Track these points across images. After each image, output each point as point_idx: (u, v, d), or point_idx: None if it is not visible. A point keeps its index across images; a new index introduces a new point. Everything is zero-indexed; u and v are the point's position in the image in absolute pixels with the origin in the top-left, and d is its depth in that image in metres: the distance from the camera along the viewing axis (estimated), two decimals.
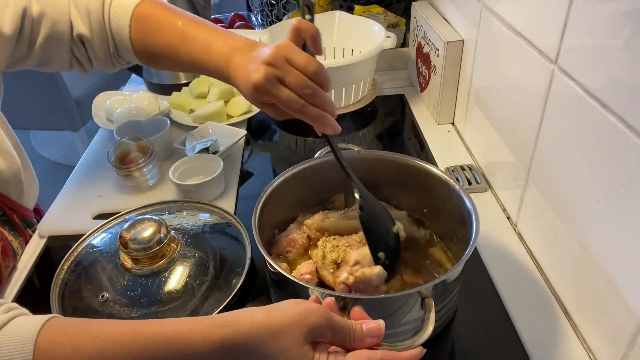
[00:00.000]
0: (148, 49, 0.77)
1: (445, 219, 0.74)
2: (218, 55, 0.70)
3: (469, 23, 0.94)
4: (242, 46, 0.69)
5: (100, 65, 0.82)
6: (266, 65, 0.62)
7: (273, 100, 0.64)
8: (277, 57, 0.61)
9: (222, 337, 0.45)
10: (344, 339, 0.48)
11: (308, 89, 0.61)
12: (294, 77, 0.61)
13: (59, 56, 0.78)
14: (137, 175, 0.92)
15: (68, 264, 0.77)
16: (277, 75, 0.61)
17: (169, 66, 0.81)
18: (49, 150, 2.89)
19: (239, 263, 0.75)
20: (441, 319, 0.64)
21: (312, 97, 0.62)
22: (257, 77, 0.62)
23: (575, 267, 0.65)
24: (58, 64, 0.80)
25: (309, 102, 0.62)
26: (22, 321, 0.46)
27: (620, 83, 0.52)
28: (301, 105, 0.62)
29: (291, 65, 0.61)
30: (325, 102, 0.63)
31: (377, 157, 0.77)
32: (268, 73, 0.62)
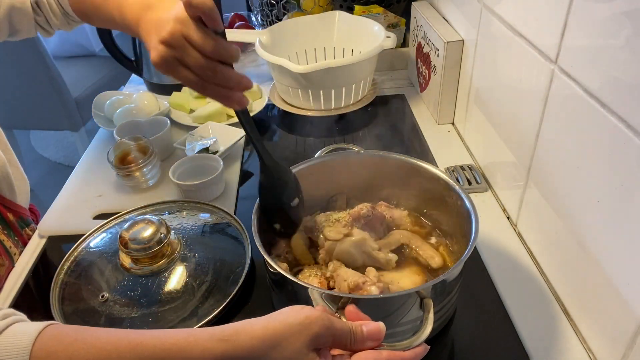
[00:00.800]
0: (80, 8, 0.83)
1: (445, 219, 0.74)
2: (129, 14, 0.70)
3: (469, 23, 0.94)
4: (150, 3, 0.67)
5: (60, 26, 0.88)
6: (163, 45, 0.59)
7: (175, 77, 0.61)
8: (174, 35, 0.58)
9: (222, 352, 0.45)
10: (345, 343, 0.48)
11: (207, 70, 0.59)
12: (192, 59, 0.58)
13: (24, 24, 0.85)
14: (137, 175, 0.92)
15: (68, 264, 0.77)
16: (175, 56, 0.59)
17: (99, 24, 0.84)
18: (49, 150, 2.89)
19: (239, 263, 0.75)
20: (440, 319, 0.64)
21: (213, 78, 0.60)
22: (154, 56, 0.60)
23: (575, 267, 0.65)
24: (25, 32, 0.86)
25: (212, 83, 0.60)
26: (18, 329, 0.45)
27: (620, 83, 0.52)
28: (201, 86, 0.60)
29: (189, 43, 0.58)
30: (228, 79, 0.60)
31: (377, 157, 0.77)
32: (165, 54, 0.59)
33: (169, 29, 0.58)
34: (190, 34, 0.58)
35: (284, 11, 1.39)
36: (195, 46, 0.58)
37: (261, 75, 1.33)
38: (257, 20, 1.53)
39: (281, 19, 1.37)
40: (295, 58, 1.21)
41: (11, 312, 0.48)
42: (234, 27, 1.53)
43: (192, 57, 0.58)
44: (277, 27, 1.19)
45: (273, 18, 1.42)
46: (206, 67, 0.59)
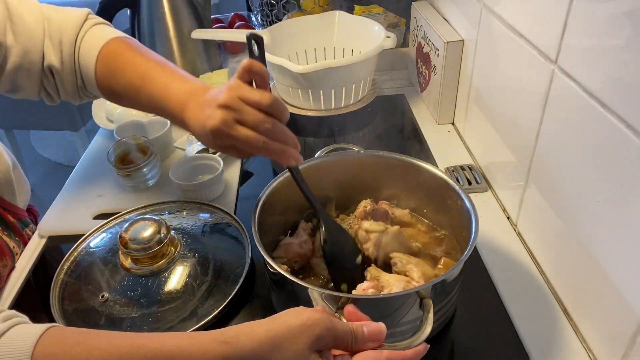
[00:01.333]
0: (111, 87, 0.77)
1: (445, 219, 0.74)
2: (174, 101, 0.70)
3: (469, 23, 0.94)
4: (197, 90, 0.69)
5: (68, 97, 0.82)
6: (221, 109, 0.62)
7: (232, 142, 0.63)
8: (231, 98, 0.61)
9: (223, 354, 0.45)
10: (346, 344, 0.48)
11: (266, 124, 0.61)
12: (251, 115, 0.61)
13: (28, 85, 0.78)
14: (137, 175, 0.92)
15: (68, 264, 0.77)
16: (234, 117, 0.61)
17: (130, 106, 0.80)
18: (49, 150, 2.89)
19: (239, 263, 0.75)
20: (440, 319, 0.64)
21: (271, 132, 0.62)
22: (213, 122, 0.62)
23: (575, 267, 0.65)
24: (27, 93, 0.79)
25: (269, 138, 0.62)
26: (20, 331, 0.46)
27: (620, 83, 0.52)
28: (262, 142, 0.61)
29: (246, 103, 0.61)
30: (285, 134, 0.63)
31: (378, 157, 0.77)
32: (224, 116, 0.61)
33: (225, 95, 0.62)
34: (246, 94, 0.61)
35: (284, 11, 1.39)
36: (252, 103, 0.61)
37: None
38: (257, 20, 1.53)
39: (281, 19, 1.37)
40: (295, 58, 1.21)
41: (13, 314, 0.48)
42: (234, 27, 1.53)
43: (251, 114, 0.61)
44: (277, 27, 1.19)
45: (273, 18, 1.42)
46: (265, 121, 0.61)
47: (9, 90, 0.79)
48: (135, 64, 0.75)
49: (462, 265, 0.60)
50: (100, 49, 0.76)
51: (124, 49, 0.76)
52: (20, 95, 0.80)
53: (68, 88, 0.79)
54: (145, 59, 0.75)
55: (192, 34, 1.23)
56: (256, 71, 0.62)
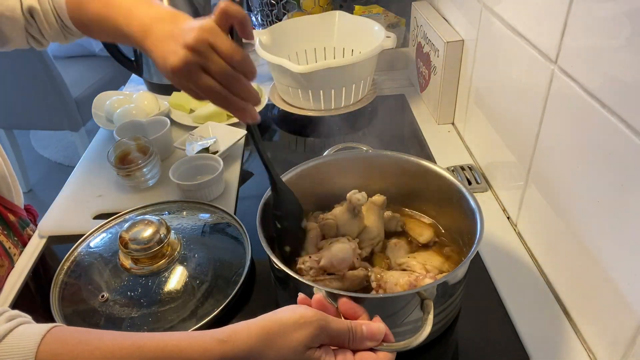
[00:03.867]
0: (81, 18, 0.77)
1: (448, 218, 0.74)
2: (136, 26, 0.67)
3: (469, 23, 0.94)
4: (163, 16, 0.65)
5: (54, 36, 0.82)
6: (187, 50, 0.57)
7: (191, 86, 0.60)
8: (201, 41, 0.57)
9: (221, 353, 0.45)
10: (343, 342, 0.48)
11: (232, 78, 0.58)
12: (217, 66, 0.57)
13: (14, 33, 0.78)
14: (137, 175, 0.92)
15: (68, 264, 0.77)
16: (199, 62, 0.57)
17: (99, 36, 0.79)
18: (49, 150, 2.89)
19: (239, 263, 0.75)
20: (443, 320, 0.64)
21: (235, 87, 0.59)
22: (175, 61, 0.58)
23: (575, 267, 0.65)
24: (16, 42, 0.80)
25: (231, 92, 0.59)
26: (24, 331, 0.46)
27: (620, 83, 0.52)
28: (224, 95, 0.59)
29: (215, 51, 0.57)
30: (249, 91, 0.60)
31: (383, 157, 0.77)
32: (188, 59, 0.57)
33: (195, 35, 0.57)
34: (218, 42, 0.57)
35: (284, 11, 1.39)
36: (222, 54, 0.57)
37: (261, 75, 1.32)
38: (257, 20, 1.53)
39: (281, 19, 1.37)
40: (295, 58, 1.21)
41: (17, 314, 0.48)
42: None
43: (217, 64, 0.57)
44: (277, 27, 1.19)
45: (273, 18, 1.42)
46: (231, 75, 0.58)
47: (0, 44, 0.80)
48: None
49: (467, 266, 0.60)
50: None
51: None
52: (11, 45, 0.81)
53: (51, 28, 0.80)
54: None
55: None
56: (233, 14, 0.57)
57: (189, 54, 0.57)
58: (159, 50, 0.62)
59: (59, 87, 2.24)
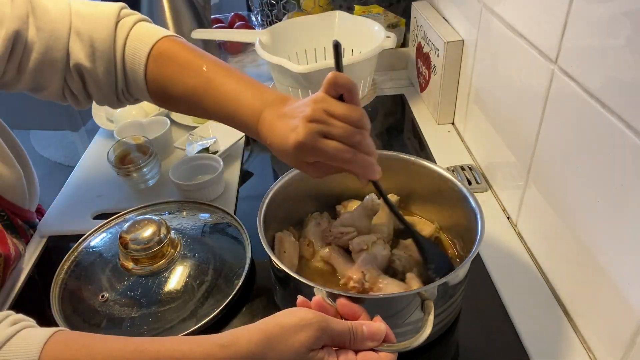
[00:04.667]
0: (166, 91, 0.70)
1: (449, 219, 0.74)
2: (247, 109, 0.65)
3: (469, 23, 0.94)
4: (273, 100, 0.64)
5: (103, 100, 0.75)
6: (307, 122, 0.57)
7: (318, 157, 0.59)
8: (318, 111, 0.57)
9: (223, 358, 0.46)
10: (344, 343, 0.48)
11: (357, 135, 0.57)
12: (340, 128, 0.57)
13: (51, 84, 0.71)
14: (137, 175, 0.92)
15: (68, 264, 0.77)
16: (321, 130, 0.57)
17: (189, 112, 0.75)
18: (49, 150, 2.89)
19: (239, 263, 0.75)
20: (444, 321, 0.64)
21: (361, 144, 0.58)
22: (298, 135, 0.57)
23: (575, 267, 0.65)
24: (50, 92, 0.73)
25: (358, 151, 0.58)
26: (27, 335, 0.46)
27: (620, 83, 0.52)
28: (353, 154, 0.58)
29: (334, 117, 0.57)
30: (372, 146, 0.60)
31: (384, 157, 0.76)
32: (311, 129, 0.57)
33: (310, 108, 0.58)
34: (334, 108, 0.57)
35: (284, 11, 1.39)
36: (341, 116, 0.57)
37: (261, 75, 1.33)
38: (257, 20, 1.53)
39: (281, 19, 1.37)
40: (295, 58, 1.21)
41: (20, 318, 0.49)
42: (234, 27, 1.53)
43: (339, 127, 0.57)
44: (277, 27, 1.19)
45: (273, 18, 1.42)
46: (356, 133, 0.58)
47: (32, 89, 0.73)
48: (196, 67, 0.68)
49: (468, 266, 0.60)
50: (151, 49, 0.69)
51: (179, 49, 0.70)
52: (44, 95, 0.73)
53: (103, 90, 0.72)
54: (207, 61, 0.69)
55: (192, 34, 1.23)
56: (342, 84, 0.58)
57: (310, 124, 0.57)
58: (276, 132, 0.61)
59: None
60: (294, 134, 0.58)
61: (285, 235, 0.73)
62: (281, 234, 0.73)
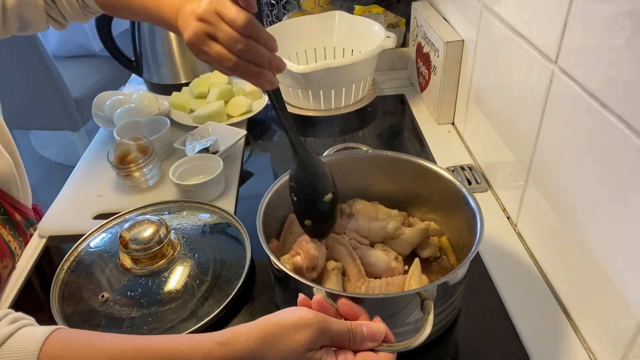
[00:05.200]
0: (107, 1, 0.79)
1: (448, 219, 0.74)
2: (167, 8, 0.69)
3: (469, 23, 0.94)
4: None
5: (75, 17, 0.84)
6: (197, 21, 0.59)
7: (206, 57, 0.61)
8: (208, 11, 0.58)
9: (222, 355, 0.46)
10: (344, 343, 0.48)
11: (239, 43, 0.57)
12: (223, 33, 0.57)
13: (35, 18, 0.81)
14: (137, 175, 0.92)
15: (68, 264, 0.77)
16: (207, 31, 0.59)
17: (126, 16, 0.81)
18: (49, 150, 2.89)
19: (239, 263, 0.75)
20: (444, 320, 0.64)
21: (245, 53, 0.58)
22: (188, 34, 0.60)
23: (575, 267, 0.65)
24: (37, 25, 0.82)
25: (242, 59, 0.58)
26: (26, 333, 0.46)
27: (620, 83, 0.52)
28: (233, 62, 0.58)
29: (222, 19, 0.58)
30: (261, 56, 0.59)
31: (384, 157, 0.77)
32: (197, 29, 0.59)
33: (203, 7, 0.59)
34: (222, 9, 0.58)
35: (284, 11, 1.39)
36: (227, 20, 0.58)
37: None
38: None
39: (281, 19, 1.37)
40: (295, 58, 1.21)
41: (20, 316, 0.49)
42: None
43: (224, 31, 0.58)
44: (277, 27, 1.19)
45: (273, 18, 1.42)
46: (237, 41, 0.57)
47: (20, 28, 0.82)
48: None
49: (467, 266, 0.60)
50: None
51: None
52: (32, 29, 0.83)
53: (72, 8, 0.82)
54: None
55: None
56: None
57: (198, 24, 0.59)
58: (181, 28, 0.65)
59: (59, 87, 2.24)
60: (186, 32, 0.61)
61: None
62: (294, 215, 0.72)
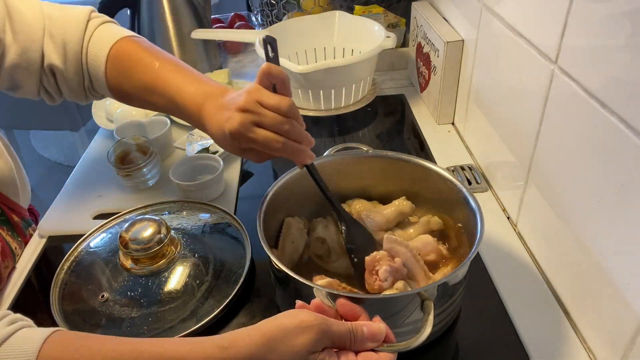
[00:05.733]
0: (122, 87, 0.76)
1: (449, 219, 0.74)
2: (190, 102, 0.70)
3: (469, 23, 0.94)
4: (213, 92, 0.69)
5: (73, 96, 0.80)
6: (240, 112, 0.63)
7: (251, 144, 0.64)
8: (250, 102, 0.62)
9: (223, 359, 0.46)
10: (345, 344, 0.48)
11: (286, 125, 0.62)
12: (270, 118, 0.62)
13: (27, 84, 0.76)
14: (137, 175, 0.92)
15: (68, 264, 0.77)
16: (253, 119, 0.62)
17: (142, 106, 0.79)
18: (49, 150, 2.89)
19: (239, 263, 0.75)
20: (444, 321, 0.64)
21: (290, 133, 0.63)
22: (232, 125, 0.63)
23: (575, 267, 0.65)
24: (26, 91, 0.78)
25: (287, 138, 0.63)
26: (25, 335, 0.46)
27: (620, 83, 0.52)
28: (282, 142, 0.62)
29: (264, 107, 0.62)
30: (302, 134, 0.64)
31: (384, 157, 0.77)
32: (243, 119, 0.62)
33: (244, 98, 0.63)
34: (265, 98, 0.62)
35: (284, 11, 1.38)
36: (271, 107, 0.62)
37: None
38: (257, 20, 1.53)
39: (281, 19, 1.37)
40: (295, 58, 1.21)
41: (18, 318, 0.49)
42: (234, 27, 1.53)
43: (269, 116, 0.62)
44: (277, 27, 1.19)
45: (273, 18, 1.42)
46: (284, 122, 0.62)
47: (9, 88, 0.78)
48: (146, 64, 0.73)
49: (467, 267, 0.60)
50: (110, 49, 0.74)
51: (135, 49, 0.75)
52: (20, 93, 0.79)
53: (73, 87, 0.78)
54: (157, 58, 0.74)
55: (192, 34, 1.23)
56: (275, 75, 0.63)
57: (242, 114, 0.63)
58: (215, 122, 0.66)
59: None
60: (228, 124, 0.63)
61: (294, 221, 0.73)
62: (290, 219, 0.74)
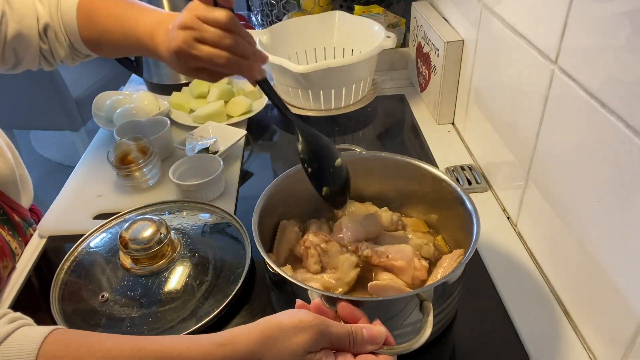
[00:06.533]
0: (92, 37, 0.79)
1: (446, 220, 0.74)
2: (143, 32, 0.72)
3: (469, 23, 0.94)
4: (164, 19, 0.70)
5: (63, 57, 0.83)
6: (181, 30, 0.63)
7: (197, 62, 0.64)
8: (189, 18, 0.63)
9: (221, 356, 0.46)
10: (344, 346, 0.48)
11: (227, 39, 0.62)
12: (210, 33, 0.62)
13: (28, 53, 0.80)
14: (137, 175, 0.92)
15: (68, 264, 0.77)
16: (193, 35, 0.62)
17: (110, 51, 0.82)
18: (49, 150, 2.89)
19: (239, 263, 0.75)
20: (442, 321, 0.64)
21: (233, 47, 0.62)
22: (175, 43, 0.64)
23: (575, 267, 0.65)
24: (27, 63, 0.82)
25: (232, 54, 0.62)
26: (25, 333, 0.46)
27: (620, 83, 0.52)
28: (225, 58, 0.62)
29: (205, 22, 0.62)
30: (247, 48, 0.63)
31: (379, 158, 0.77)
32: (185, 36, 0.63)
33: (184, 16, 0.63)
34: (203, 12, 0.62)
35: (284, 11, 1.39)
36: (210, 21, 0.62)
37: None
38: (257, 20, 1.53)
39: (281, 19, 1.37)
40: (295, 58, 1.21)
41: (18, 316, 0.49)
42: None
43: (210, 31, 0.62)
44: (277, 27, 1.19)
45: (273, 18, 1.42)
46: (225, 37, 0.62)
47: (12, 65, 0.81)
48: (107, 8, 0.78)
49: (463, 267, 0.60)
50: (77, 4, 0.78)
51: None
52: (22, 67, 0.82)
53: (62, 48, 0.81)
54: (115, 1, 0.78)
55: None
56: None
57: (184, 32, 0.64)
58: (164, 46, 0.68)
59: (59, 87, 2.24)
60: (172, 42, 0.64)
61: (290, 224, 0.73)
62: (286, 222, 0.73)
